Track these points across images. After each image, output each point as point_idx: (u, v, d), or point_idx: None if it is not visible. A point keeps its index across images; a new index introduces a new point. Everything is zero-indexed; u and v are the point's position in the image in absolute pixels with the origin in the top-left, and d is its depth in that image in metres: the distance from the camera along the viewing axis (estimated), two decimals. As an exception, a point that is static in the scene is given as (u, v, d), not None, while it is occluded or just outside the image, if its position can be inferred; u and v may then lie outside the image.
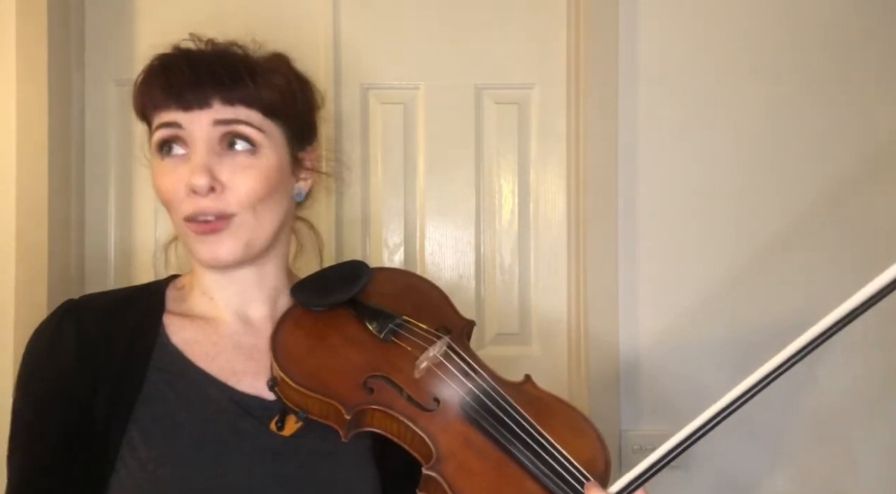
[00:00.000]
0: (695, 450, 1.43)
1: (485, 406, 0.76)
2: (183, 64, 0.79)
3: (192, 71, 0.78)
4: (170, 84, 0.77)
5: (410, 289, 0.90)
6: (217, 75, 0.78)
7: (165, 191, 0.78)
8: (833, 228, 1.41)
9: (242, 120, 0.78)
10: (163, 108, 0.78)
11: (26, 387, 0.76)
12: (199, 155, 0.76)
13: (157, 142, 0.79)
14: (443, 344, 0.80)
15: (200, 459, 0.73)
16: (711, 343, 1.40)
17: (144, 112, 0.81)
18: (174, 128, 0.77)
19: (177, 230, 0.81)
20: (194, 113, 0.77)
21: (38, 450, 0.74)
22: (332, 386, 0.74)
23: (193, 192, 0.75)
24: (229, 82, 0.78)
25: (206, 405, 0.76)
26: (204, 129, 0.77)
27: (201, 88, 0.77)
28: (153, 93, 0.79)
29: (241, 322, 0.84)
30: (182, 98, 0.77)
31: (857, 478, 1.41)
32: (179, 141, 0.78)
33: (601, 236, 1.39)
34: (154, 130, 0.79)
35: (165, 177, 0.78)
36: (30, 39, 1.31)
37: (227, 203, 0.76)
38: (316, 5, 1.43)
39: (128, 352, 0.77)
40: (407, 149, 1.46)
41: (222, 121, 0.77)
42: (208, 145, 0.77)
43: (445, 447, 0.72)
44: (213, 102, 0.77)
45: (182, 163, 0.77)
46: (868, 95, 1.42)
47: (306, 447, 0.77)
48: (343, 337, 0.80)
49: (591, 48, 1.39)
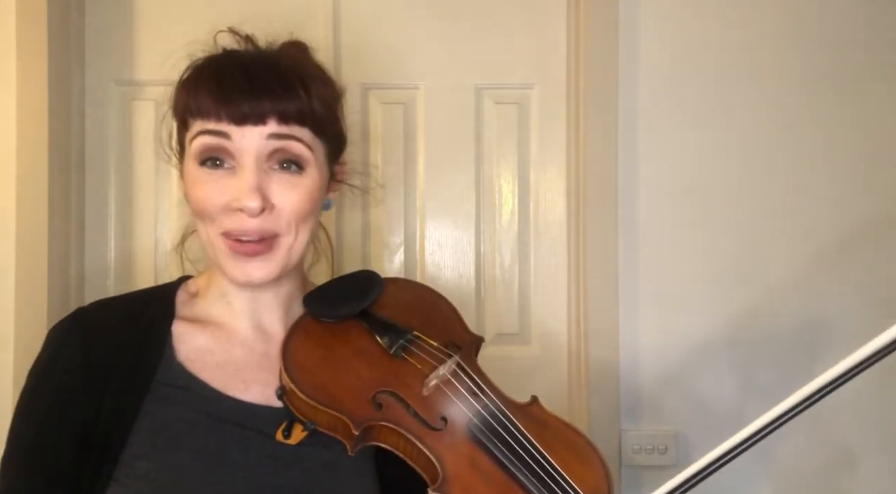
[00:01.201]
0: (693, 451, 1.44)
1: (492, 428, 0.75)
2: (237, 71, 0.74)
3: (248, 82, 0.73)
4: (223, 92, 0.73)
5: (421, 302, 0.89)
6: (274, 91, 0.73)
7: (203, 203, 0.74)
8: (834, 228, 1.41)
9: (296, 138, 0.74)
10: (212, 117, 0.73)
11: (30, 401, 0.76)
12: (250, 173, 0.72)
13: (198, 151, 0.74)
14: (452, 363, 0.80)
15: (203, 469, 0.73)
16: (711, 343, 1.40)
17: (185, 115, 0.76)
18: (221, 139, 0.73)
19: (207, 241, 0.76)
20: (247, 127, 0.72)
21: (37, 462, 0.73)
22: (342, 400, 0.74)
23: (240, 210, 0.72)
24: (286, 99, 0.74)
25: (210, 416, 0.75)
26: (255, 146, 0.73)
27: (258, 103, 0.72)
28: (201, 98, 0.73)
29: (255, 329, 0.83)
30: (237, 110, 0.72)
31: (857, 479, 1.41)
32: (225, 153, 0.73)
33: (601, 236, 1.39)
34: (195, 136, 0.74)
35: (204, 188, 0.74)
36: (30, 39, 1.31)
37: (274, 224, 0.74)
38: (316, 5, 1.43)
39: (133, 366, 0.75)
40: (407, 149, 1.46)
41: (276, 137, 0.73)
42: (258, 162, 0.73)
43: (451, 468, 0.72)
44: (269, 118, 0.73)
45: (225, 176, 0.73)
46: (869, 94, 1.42)
47: (311, 456, 0.76)
48: (353, 350, 0.80)
49: (591, 48, 1.39)
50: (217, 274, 0.82)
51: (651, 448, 1.39)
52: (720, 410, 1.40)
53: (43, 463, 0.73)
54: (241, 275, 0.75)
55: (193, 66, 0.78)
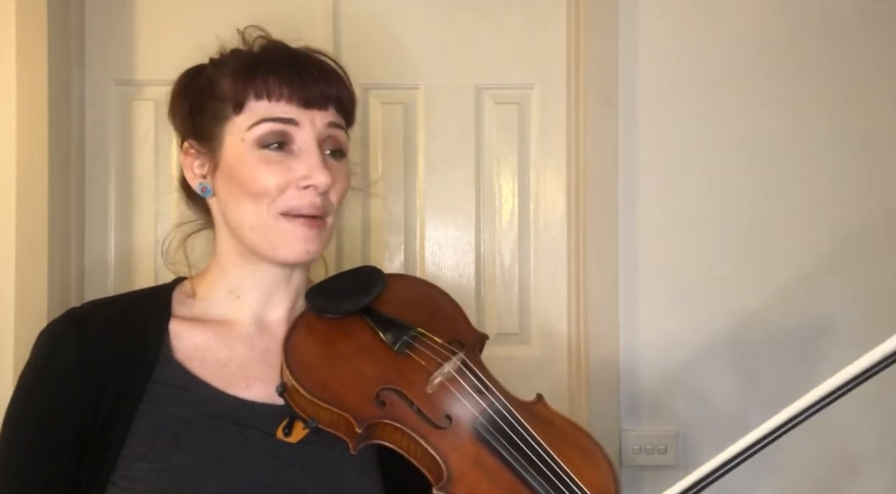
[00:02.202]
0: (694, 451, 1.44)
1: (497, 427, 0.75)
2: (303, 59, 0.80)
3: (316, 68, 0.79)
4: (295, 75, 0.77)
5: (424, 299, 0.89)
6: (334, 78, 0.80)
7: (269, 185, 0.76)
8: (836, 228, 1.41)
9: (343, 128, 0.82)
10: (279, 99, 0.77)
11: (24, 405, 0.75)
12: (318, 154, 0.77)
13: (263, 135, 0.77)
14: (457, 360, 0.79)
15: (204, 469, 0.72)
16: (712, 343, 1.40)
17: (243, 99, 0.78)
18: (289, 125, 0.77)
19: (258, 223, 0.78)
20: (313, 112, 0.78)
21: (34, 466, 0.72)
22: (345, 397, 0.73)
23: (305, 188, 0.77)
24: (343, 87, 0.81)
25: (210, 416, 0.75)
26: (318, 129, 0.78)
27: (326, 87, 0.79)
28: (269, 81, 0.77)
29: (257, 324, 0.83)
30: (307, 92, 0.77)
31: (857, 479, 1.41)
32: (289, 137, 0.78)
33: (601, 236, 1.39)
34: (259, 122, 0.77)
35: (268, 168, 0.77)
36: (30, 39, 1.31)
37: (329, 203, 0.80)
38: (316, 5, 1.43)
39: (130, 367, 0.75)
40: (407, 149, 1.46)
41: (332, 126, 0.80)
42: (321, 145, 0.78)
43: (456, 467, 0.71)
44: (330, 106, 0.79)
45: (288, 158, 0.77)
46: (872, 92, 1.41)
47: (313, 454, 0.76)
48: (356, 346, 0.79)
49: (591, 48, 1.39)
50: (231, 268, 0.82)
51: (651, 448, 1.39)
52: (721, 410, 1.39)
53: (40, 467, 0.72)
54: (301, 248, 0.78)
55: (245, 53, 0.81)
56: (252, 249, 0.80)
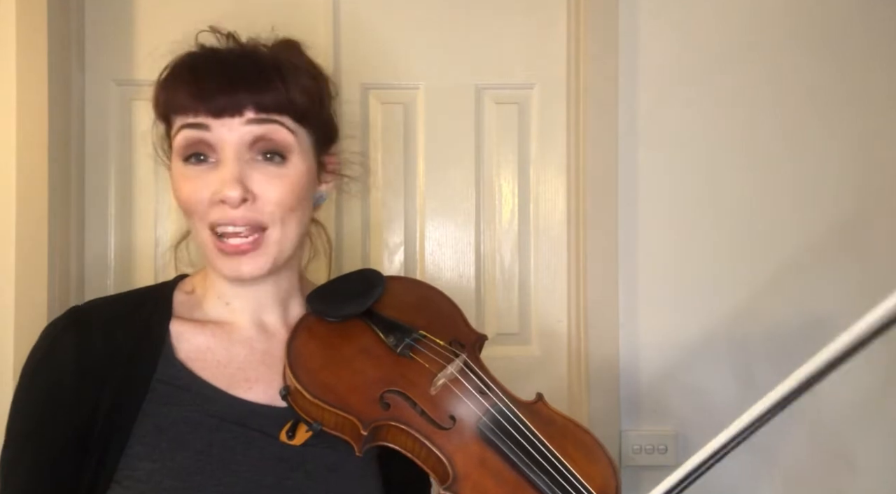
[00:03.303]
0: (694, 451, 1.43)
1: (501, 426, 0.75)
2: (213, 65, 0.75)
3: (223, 74, 0.74)
4: (199, 87, 0.73)
5: (424, 301, 0.89)
6: (249, 79, 0.74)
7: (188, 199, 0.74)
8: (835, 228, 1.41)
9: (277, 122, 0.75)
10: (190, 112, 0.74)
11: (24, 399, 0.75)
12: (230, 164, 0.73)
13: (181, 146, 0.75)
14: (459, 361, 0.80)
15: (206, 470, 0.72)
16: (711, 343, 1.40)
17: (167, 113, 0.77)
18: (201, 131, 0.73)
19: (198, 238, 0.77)
20: (224, 119, 0.73)
21: (35, 465, 0.72)
22: (349, 400, 0.73)
23: (222, 202, 0.73)
24: (262, 87, 0.74)
25: (212, 417, 0.75)
26: (234, 137, 0.73)
27: (234, 93, 0.73)
28: (178, 94, 0.74)
29: (256, 327, 0.82)
30: (213, 103, 0.73)
31: (856, 480, 1.41)
32: (206, 146, 0.74)
33: (601, 236, 1.39)
34: (177, 132, 0.75)
35: (188, 184, 0.74)
36: (30, 39, 1.31)
37: (259, 212, 0.74)
38: (316, 5, 1.43)
39: (131, 366, 0.75)
40: (407, 149, 1.46)
41: (255, 122, 0.74)
42: (238, 153, 0.73)
43: (462, 467, 0.71)
44: (246, 109, 0.73)
45: (208, 171, 0.74)
46: (871, 92, 1.41)
47: (315, 456, 0.76)
48: (358, 349, 0.79)
49: (591, 48, 1.39)
50: (214, 277, 0.82)
51: (651, 448, 1.39)
52: (720, 410, 1.39)
53: (41, 460, 0.72)
54: (230, 271, 0.75)
55: (171, 65, 0.79)
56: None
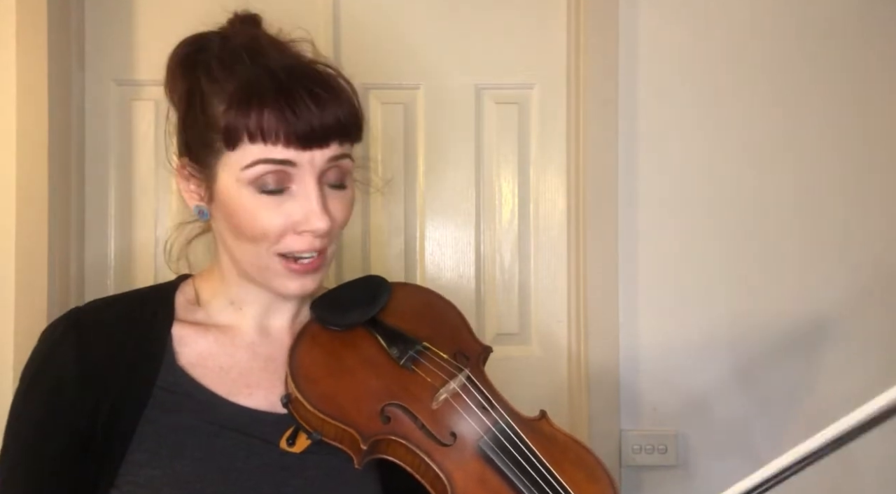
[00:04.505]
0: (694, 451, 1.43)
1: (501, 445, 0.74)
2: (304, 94, 0.72)
3: (314, 101, 0.72)
4: (297, 119, 0.70)
5: (430, 310, 0.88)
6: (335, 108, 0.73)
7: (266, 229, 0.72)
8: (835, 229, 1.41)
9: (349, 157, 0.77)
10: (279, 141, 0.71)
11: (24, 403, 0.75)
12: (317, 197, 0.72)
13: (258, 178, 0.72)
14: (462, 376, 0.79)
15: (206, 477, 0.72)
16: (711, 343, 1.40)
17: (236, 135, 0.71)
18: (286, 167, 0.71)
19: (256, 262, 0.75)
20: (314, 151, 0.72)
21: (34, 470, 0.72)
22: (349, 412, 0.73)
23: (305, 232, 0.72)
24: (344, 114, 0.74)
25: (212, 424, 0.74)
26: (317, 168, 0.73)
27: (324, 124, 0.72)
28: (263, 119, 0.70)
29: (260, 332, 0.82)
30: (306, 137, 0.71)
31: (856, 480, 1.41)
32: (286, 177, 0.72)
33: (601, 236, 1.39)
34: (253, 163, 0.71)
35: (266, 214, 0.72)
36: (30, 39, 1.31)
37: (332, 235, 0.75)
38: (316, 5, 1.43)
39: (132, 372, 0.74)
40: (407, 149, 1.46)
41: (335, 159, 0.74)
42: (319, 184, 0.73)
43: (460, 485, 0.71)
44: (332, 141, 0.73)
45: (287, 200, 0.72)
46: (873, 91, 1.41)
47: (315, 464, 0.75)
48: (360, 359, 0.78)
49: (591, 48, 1.39)
50: (232, 281, 0.81)
51: (651, 448, 1.39)
52: (720, 410, 1.40)
53: (41, 465, 0.72)
54: (297, 289, 0.75)
55: (235, 71, 0.73)
56: (250, 280, 0.79)
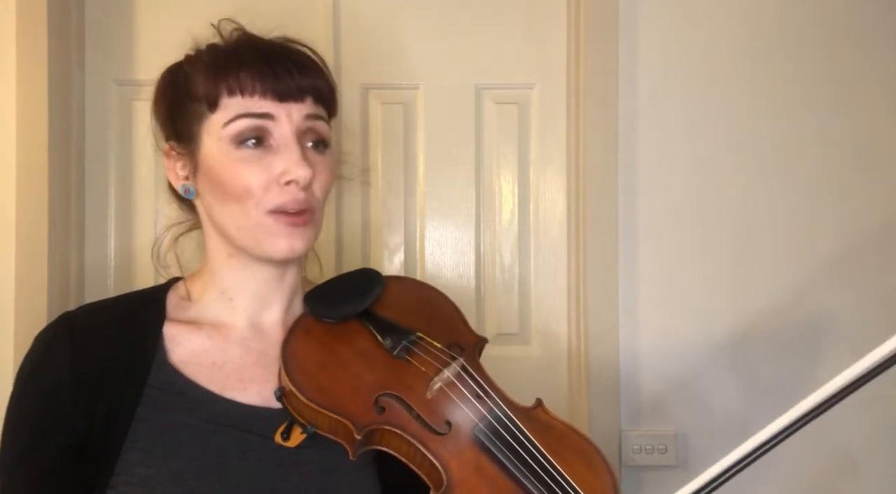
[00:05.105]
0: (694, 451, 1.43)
1: (497, 433, 0.74)
2: (278, 51, 0.78)
3: (290, 60, 0.77)
4: (271, 70, 0.75)
5: (424, 302, 0.88)
6: (310, 69, 0.78)
7: (250, 184, 0.74)
8: (835, 229, 1.41)
9: (323, 119, 0.79)
10: (252, 94, 0.75)
11: (18, 407, 0.75)
12: (297, 148, 0.75)
13: (239, 132, 0.75)
14: (456, 365, 0.79)
15: (201, 474, 0.72)
16: (711, 343, 1.40)
17: (216, 94, 0.76)
18: (265, 120, 0.75)
19: (247, 223, 0.76)
20: (290, 105, 0.76)
21: (32, 472, 0.72)
22: (344, 403, 0.72)
23: (287, 184, 0.74)
24: (319, 77, 0.78)
25: (207, 421, 0.74)
26: (296, 123, 0.76)
27: (301, 79, 0.76)
28: (241, 76, 0.75)
29: (252, 327, 0.82)
30: (280, 87, 0.75)
31: (856, 481, 1.41)
32: (265, 132, 0.75)
33: (601, 236, 1.39)
34: (233, 119, 0.75)
35: (247, 169, 0.75)
36: (30, 39, 1.31)
37: (314, 197, 0.77)
38: (316, 5, 1.43)
39: (125, 373, 0.74)
40: (407, 149, 1.46)
41: (311, 118, 0.77)
42: (299, 138, 0.76)
43: (456, 474, 0.70)
44: (307, 97, 0.77)
45: (266, 154, 0.75)
46: (869, 94, 1.41)
47: (310, 458, 0.76)
48: (354, 351, 0.78)
49: (591, 48, 1.39)
50: (221, 270, 0.81)
51: (651, 448, 1.39)
52: (721, 410, 1.40)
53: (38, 467, 0.72)
54: (286, 246, 0.76)
55: (214, 49, 0.79)
56: (239, 248, 0.79)
